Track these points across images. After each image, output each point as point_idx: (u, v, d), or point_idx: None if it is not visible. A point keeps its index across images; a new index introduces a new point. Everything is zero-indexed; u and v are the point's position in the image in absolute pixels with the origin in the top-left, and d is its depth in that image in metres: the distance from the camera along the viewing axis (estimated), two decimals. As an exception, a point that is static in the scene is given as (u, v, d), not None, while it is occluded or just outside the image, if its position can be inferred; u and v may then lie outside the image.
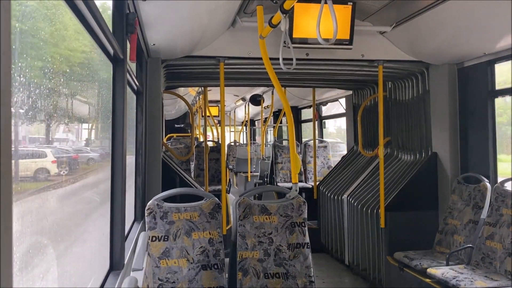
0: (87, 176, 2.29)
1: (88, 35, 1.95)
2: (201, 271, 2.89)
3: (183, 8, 3.10)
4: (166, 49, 4.15)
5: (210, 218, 2.99)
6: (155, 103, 4.36)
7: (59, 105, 1.69)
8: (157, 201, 2.96)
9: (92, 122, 2.42)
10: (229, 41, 4.41)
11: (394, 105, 5.62)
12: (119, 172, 2.47)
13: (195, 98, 10.65)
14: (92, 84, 2.32)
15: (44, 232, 1.46)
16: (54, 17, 1.60)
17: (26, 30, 1.30)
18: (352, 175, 6.27)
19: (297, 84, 6.63)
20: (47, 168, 1.53)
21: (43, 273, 1.45)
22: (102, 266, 2.34)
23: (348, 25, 4.11)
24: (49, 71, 1.51)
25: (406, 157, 5.41)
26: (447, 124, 4.75)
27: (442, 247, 4.44)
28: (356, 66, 4.83)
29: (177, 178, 4.95)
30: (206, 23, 3.81)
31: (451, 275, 3.67)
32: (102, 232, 2.38)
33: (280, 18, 3.28)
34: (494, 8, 3.34)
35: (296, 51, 3.93)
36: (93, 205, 2.36)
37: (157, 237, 2.89)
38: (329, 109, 9.41)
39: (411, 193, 4.87)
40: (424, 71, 5.01)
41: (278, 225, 3.12)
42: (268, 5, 3.87)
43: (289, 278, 3.02)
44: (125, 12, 2.59)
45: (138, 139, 3.96)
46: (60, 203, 1.67)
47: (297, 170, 3.44)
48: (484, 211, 4.12)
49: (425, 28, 4.10)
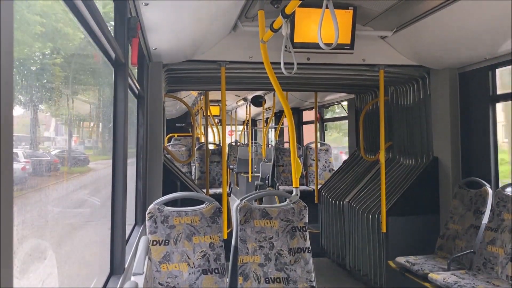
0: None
1: (90, 38, 1.96)
2: (201, 276, 2.89)
3: (184, 12, 3.11)
4: (167, 53, 4.16)
5: (211, 223, 2.99)
6: (156, 107, 4.37)
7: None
8: (158, 205, 2.96)
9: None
10: (230, 45, 4.42)
11: (396, 110, 5.62)
12: (120, 175, 2.47)
13: (197, 99, 10.67)
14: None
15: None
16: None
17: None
18: (353, 179, 6.26)
19: (298, 88, 6.64)
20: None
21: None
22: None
23: (349, 29, 4.12)
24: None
25: (407, 161, 5.40)
26: (448, 129, 4.75)
27: (443, 252, 4.43)
28: (357, 71, 4.84)
29: (178, 182, 4.95)
30: (208, 28, 3.82)
31: (452, 280, 3.65)
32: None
33: (281, 22, 3.29)
34: (495, 12, 3.35)
35: (297, 56, 3.94)
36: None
37: (158, 241, 2.89)
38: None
39: (412, 197, 4.86)
40: (425, 76, 5.01)
41: (279, 229, 3.12)
42: (269, 10, 3.88)
43: (290, 282, 3.02)
44: (127, 16, 2.60)
45: (139, 143, 3.96)
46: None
47: (298, 174, 3.44)
48: (486, 216, 4.11)
49: (426, 33, 4.10)
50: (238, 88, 7.06)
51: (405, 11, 3.97)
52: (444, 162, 4.83)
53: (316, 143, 7.66)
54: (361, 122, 6.24)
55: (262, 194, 3.45)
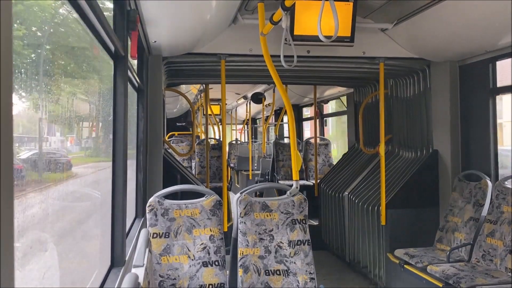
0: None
1: (89, 31, 1.96)
2: (202, 268, 2.90)
3: (184, 5, 3.10)
4: (167, 46, 4.15)
5: (211, 215, 3.00)
6: (156, 100, 4.37)
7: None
8: (158, 198, 2.97)
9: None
10: (230, 38, 4.41)
11: (396, 103, 5.62)
12: (120, 169, 2.47)
13: (197, 96, 10.65)
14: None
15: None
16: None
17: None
18: (353, 172, 6.27)
19: (298, 82, 6.62)
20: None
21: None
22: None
23: (349, 22, 4.10)
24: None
25: (407, 154, 5.41)
26: (448, 122, 4.75)
27: (442, 245, 4.45)
28: (357, 64, 4.83)
29: (178, 175, 4.96)
30: (207, 20, 3.80)
31: (451, 272, 3.67)
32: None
33: (281, 15, 3.28)
34: (495, 5, 3.33)
35: (297, 48, 3.93)
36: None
37: (158, 234, 2.90)
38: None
39: (412, 190, 4.87)
40: (426, 69, 5.00)
41: (279, 222, 3.13)
42: (269, 2, 3.86)
43: (290, 275, 3.03)
44: (126, 9, 2.59)
45: (139, 136, 3.96)
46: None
47: (298, 167, 3.45)
48: (485, 208, 4.12)
49: (427, 26, 4.09)
50: (238, 82, 7.05)
51: (405, 4, 3.95)
52: (444, 155, 4.83)
53: (315, 137, 7.66)
54: (360, 115, 6.24)
55: (262, 186, 3.45)
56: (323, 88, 7.77)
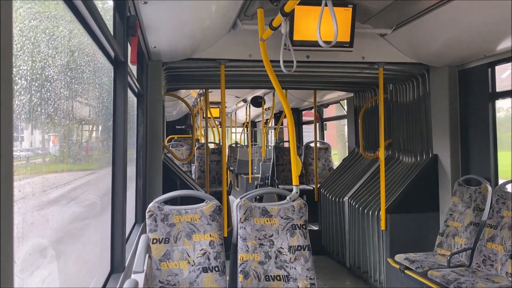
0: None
1: (89, 37, 1.96)
2: (202, 274, 2.89)
3: (184, 10, 3.11)
4: (167, 51, 4.16)
5: (211, 221, 2.99)
6: (156, 105, 4.37)
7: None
8: (158, 203, 2.96)
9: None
10: (229, 43, 4.42)
11: (395, 107, 5.62)
12: (119, 174, 2.47)
13: (196, 100, 10.66)
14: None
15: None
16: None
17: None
18: (353, 177, 6.27)
19: (298, 87, 6.63)
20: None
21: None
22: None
23: (348, 27, 4.12)
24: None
25: (407, 159, 5.41)
26: (448, 126, 4.75)
27: (443, 249, 4.44)
28: (356, 69, 4.84)
29: (178, 180, 4.96)
30: (207, 26, 3.82)
31: (452, 277, 3.66)
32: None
33: (280, 20, 3.29)
34: (494, 10, 3.35)
35: (297, 54, 3.94)
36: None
37: (158, 240, 2.89)
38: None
39: (412, 195, 4.87)
40: (425, 73, 5.01)
41: (279, 227, 3.12)
42: (268, 8, 3.88)
43: (290, 280, 3.02)
44: (126, 15, 2.60)
45: (139, 142, 3.96)
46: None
47: (297, 172, 3.44)
48: (485, 213, 4.12)
49: (426, 31, 4.10)
50: (238, 87, 7.07)
51: (404, 9, 3.97)
52: (444, 160, 4.83)
53: (315, 142, 7.66)
54: (360, 120, 6.25)
55: (261, 192, 3.44)
56: (323, 92, 7.78)
